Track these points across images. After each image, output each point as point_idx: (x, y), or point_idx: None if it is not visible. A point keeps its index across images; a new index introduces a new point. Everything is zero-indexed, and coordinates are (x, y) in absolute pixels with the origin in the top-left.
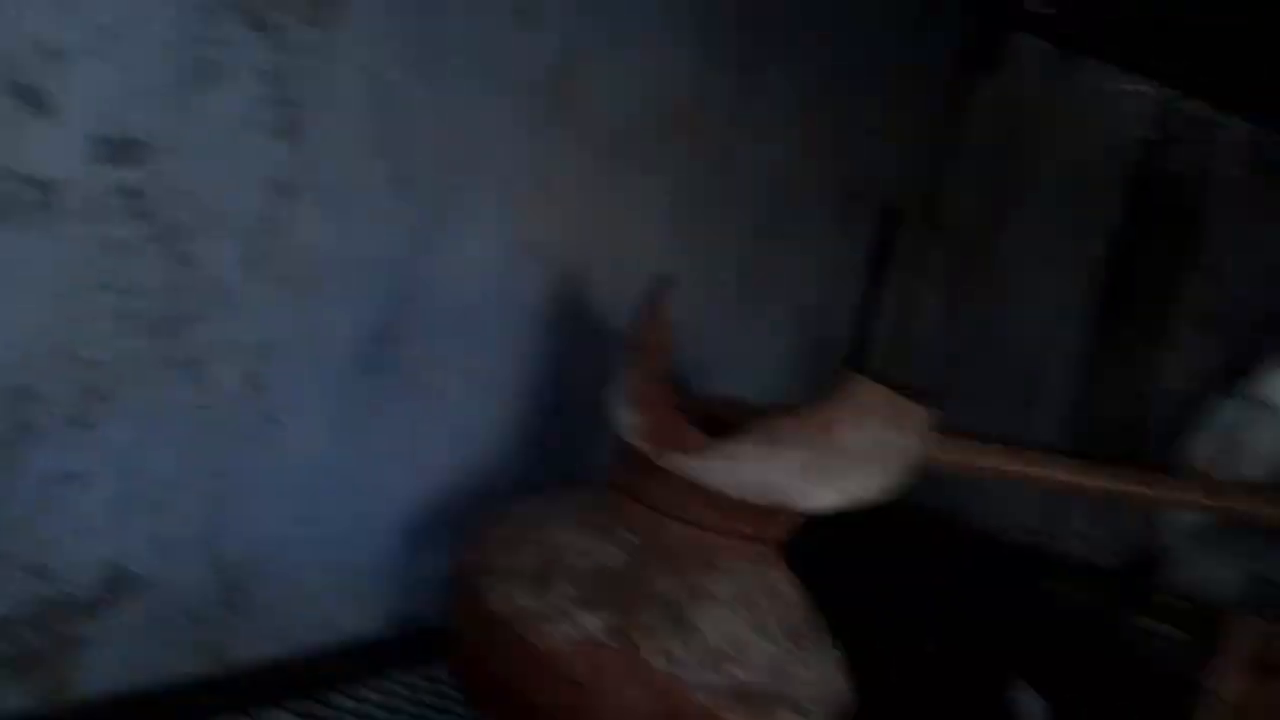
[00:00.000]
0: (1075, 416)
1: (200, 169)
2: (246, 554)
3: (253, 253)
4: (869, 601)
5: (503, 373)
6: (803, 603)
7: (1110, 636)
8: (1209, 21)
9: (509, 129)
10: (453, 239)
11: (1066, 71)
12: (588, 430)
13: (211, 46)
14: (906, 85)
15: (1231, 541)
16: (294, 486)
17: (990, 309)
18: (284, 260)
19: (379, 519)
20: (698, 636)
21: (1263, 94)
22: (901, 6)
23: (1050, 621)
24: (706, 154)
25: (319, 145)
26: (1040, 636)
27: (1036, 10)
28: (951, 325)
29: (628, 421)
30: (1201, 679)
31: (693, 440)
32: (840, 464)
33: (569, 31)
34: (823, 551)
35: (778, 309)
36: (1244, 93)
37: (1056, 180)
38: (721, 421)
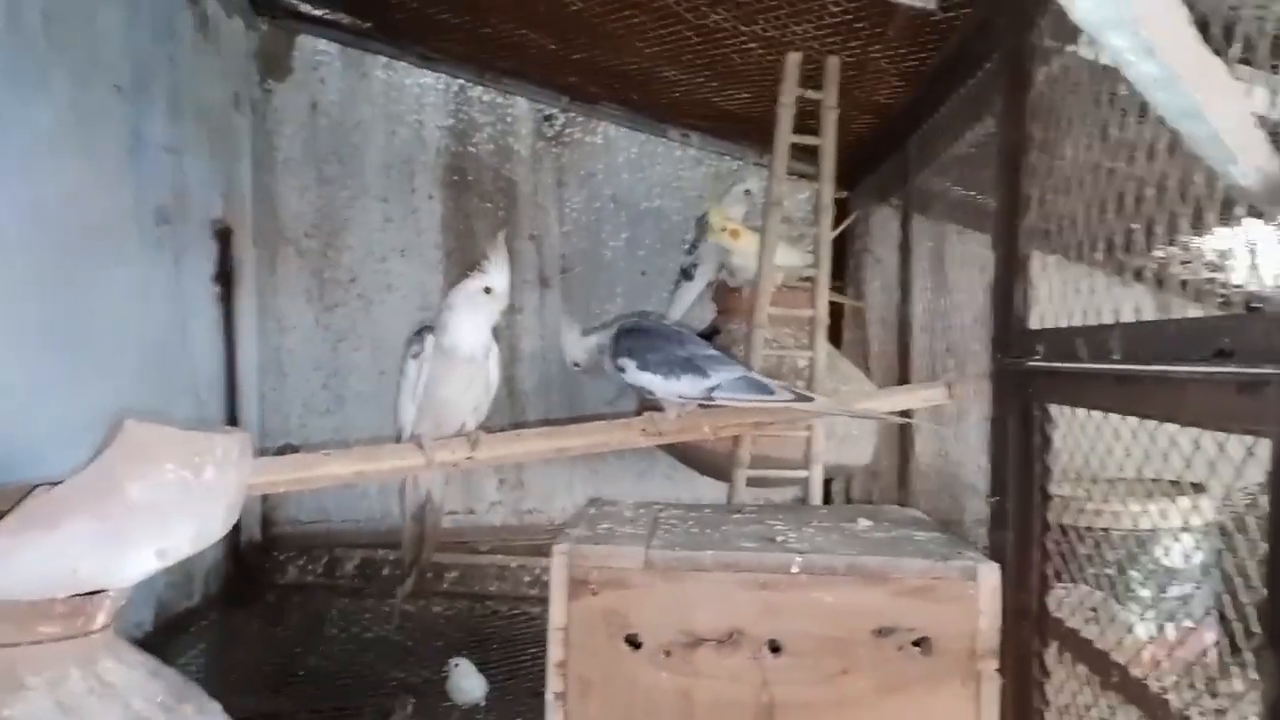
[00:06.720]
0: None
1: None
2: None
3: None
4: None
5: None
6: (154, 684)
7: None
8: (488, 16)
9: None
10: None
11: (362, 70)
12: None
13: None
14: (204, 95)
15: None
16: None
17: (355, 314)
18: None
19: None
20: None
21: (533, 69)
22: (179, 12)
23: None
24: None
25: None
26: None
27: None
28: (323, 335)
29: None
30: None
31: None
32: (142, 522)
33: None
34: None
35: (107, 358)
36: (521, 72)
37: (383, 177)
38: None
